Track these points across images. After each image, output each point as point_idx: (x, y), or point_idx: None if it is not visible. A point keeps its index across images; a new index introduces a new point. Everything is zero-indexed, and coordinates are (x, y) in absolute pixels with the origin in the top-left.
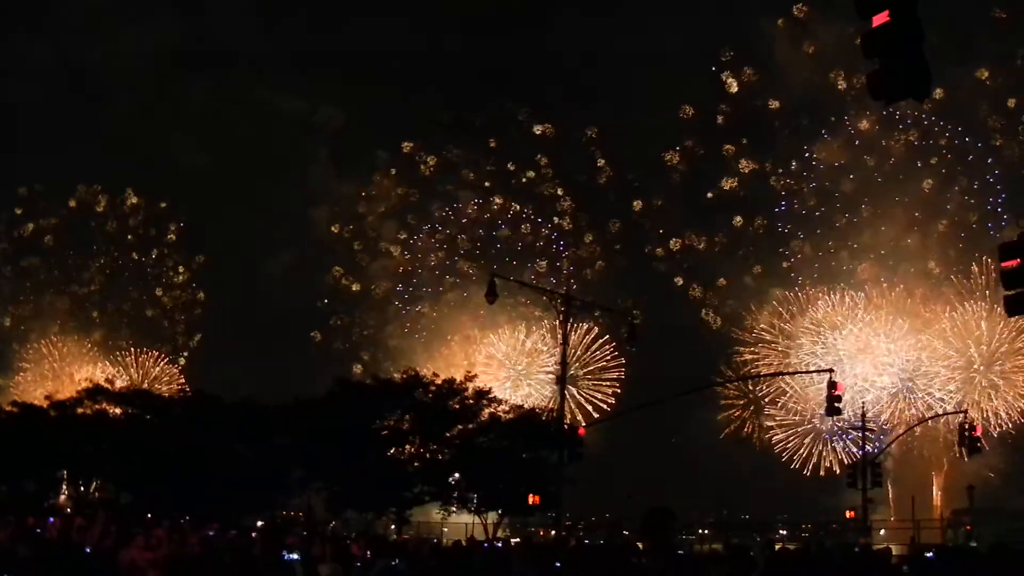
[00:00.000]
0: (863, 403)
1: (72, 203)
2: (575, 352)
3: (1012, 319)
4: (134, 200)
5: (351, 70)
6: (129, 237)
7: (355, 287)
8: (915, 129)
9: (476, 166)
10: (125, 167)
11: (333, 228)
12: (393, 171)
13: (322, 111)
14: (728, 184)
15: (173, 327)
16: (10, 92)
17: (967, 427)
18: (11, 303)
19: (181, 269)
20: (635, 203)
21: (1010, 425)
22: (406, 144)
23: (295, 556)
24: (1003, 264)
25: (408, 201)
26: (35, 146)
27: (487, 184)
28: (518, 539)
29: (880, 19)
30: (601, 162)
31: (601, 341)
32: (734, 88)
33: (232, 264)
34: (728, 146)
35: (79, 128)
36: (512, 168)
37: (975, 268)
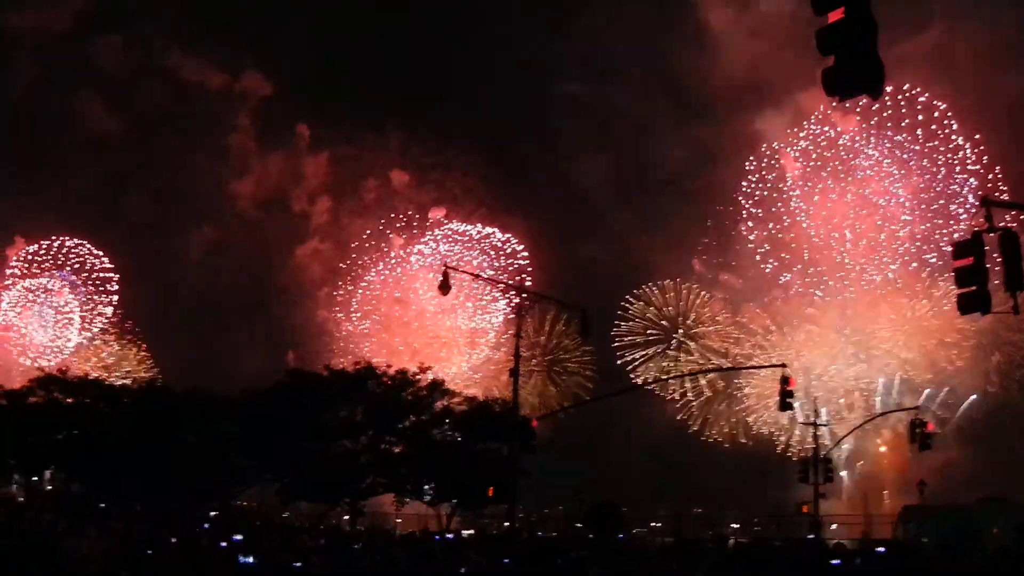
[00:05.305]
0: (815, 398)
1: None
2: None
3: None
4: None
5: (274, 38)
6: None
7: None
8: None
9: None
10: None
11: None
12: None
13: (245, 78)
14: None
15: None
16: None
17: (918, 423)
18: None
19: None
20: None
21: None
22: None
23: (250, 560)
24: (956, 262)
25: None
26: None
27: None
28: (471, 531)
29: (835, 16)
30: None
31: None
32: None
33: (150, 240)
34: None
35: None
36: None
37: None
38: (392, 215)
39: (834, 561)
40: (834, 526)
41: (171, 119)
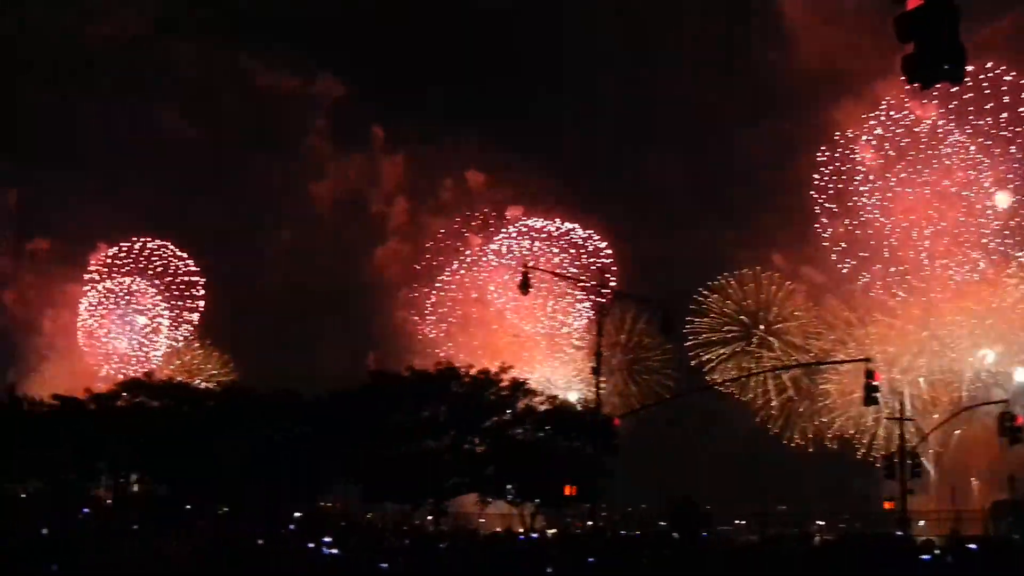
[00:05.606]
0: (900, 392)
1: None
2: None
3: None
4: None
5: (347, 40)
6: None
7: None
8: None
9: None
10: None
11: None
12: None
13: (320, 81)
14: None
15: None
16: None
17: (1008, 416)
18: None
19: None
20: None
21: None
22: None
23: (334, 551)
24: None
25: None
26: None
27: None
28: (555, 530)
29: (915, 2)
30: None
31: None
32: None
33: (228, 244)
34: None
35: (59, 102)
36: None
37: None
38: (468, 214)
39: (924, 556)
40: (922, 522)
41: (248, 123)
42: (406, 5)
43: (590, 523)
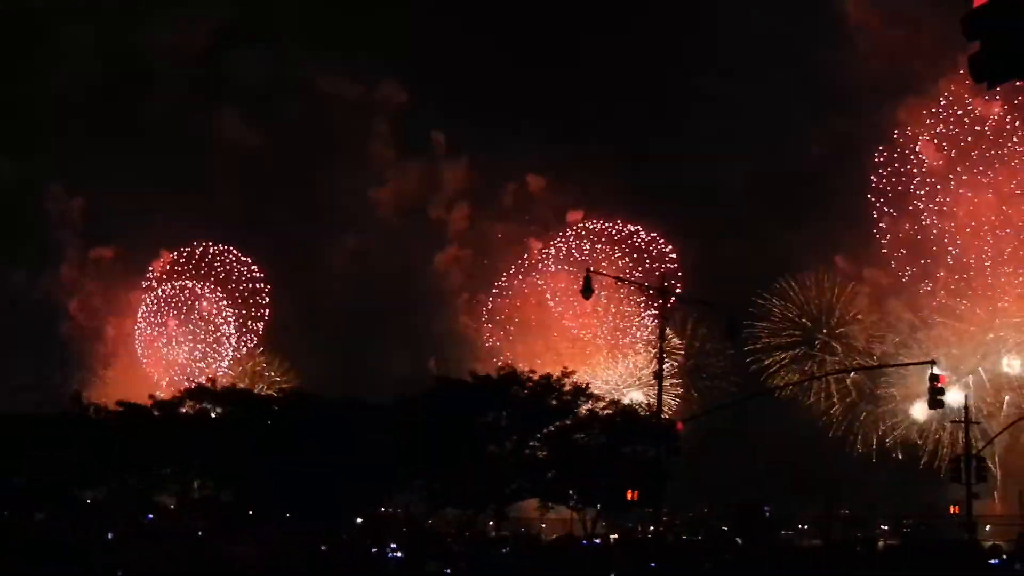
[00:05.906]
0: (966, 394)
1: None
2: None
3: None
4: None
5: (410, 46)
6: None
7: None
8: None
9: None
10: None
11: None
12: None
13: (382, 87)
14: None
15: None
16: (54, 77)
17: None
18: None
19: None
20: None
21: None
22: None
23: (399, 554)
24: None
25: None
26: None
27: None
28: (616, 535)
29: (981, 0)
30: None
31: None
32: None
33: (291, 250)
34: None
35: (124, 112)
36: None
37: None
38: (527, 218)
39: (992, 560)
40: (988, 527)
41: (309, 130)
42: (466, 11)
43: (652, 528)
